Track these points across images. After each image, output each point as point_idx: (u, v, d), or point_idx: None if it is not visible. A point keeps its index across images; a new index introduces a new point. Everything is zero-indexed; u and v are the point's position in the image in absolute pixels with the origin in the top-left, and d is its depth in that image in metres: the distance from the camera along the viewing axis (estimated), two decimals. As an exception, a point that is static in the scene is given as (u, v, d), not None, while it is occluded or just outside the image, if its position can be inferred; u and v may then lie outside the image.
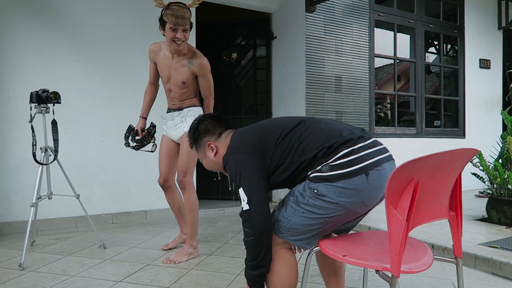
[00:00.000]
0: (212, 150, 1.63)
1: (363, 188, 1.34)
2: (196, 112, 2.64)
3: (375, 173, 1.35)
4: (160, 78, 2.77)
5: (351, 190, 1.34)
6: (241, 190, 1.41)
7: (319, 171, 1.38)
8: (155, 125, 2.85)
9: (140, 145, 2.80)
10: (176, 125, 2.68)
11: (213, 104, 2.74)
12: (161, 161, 2.76)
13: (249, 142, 1.51)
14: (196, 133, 1.67)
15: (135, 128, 2.79)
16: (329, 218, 1.39)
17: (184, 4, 2.42)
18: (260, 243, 1.38)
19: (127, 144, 2.79)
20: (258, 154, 1.46)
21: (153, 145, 2.84)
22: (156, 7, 2.57)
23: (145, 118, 2.83)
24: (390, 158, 1.45)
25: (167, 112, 2.76)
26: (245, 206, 1.39)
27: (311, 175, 1.40)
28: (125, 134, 2.78)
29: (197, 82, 2.65)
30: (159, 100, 2.98)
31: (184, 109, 2.67)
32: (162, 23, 2.48)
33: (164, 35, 2.53)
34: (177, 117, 2.68)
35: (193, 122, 1.70)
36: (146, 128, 2.83)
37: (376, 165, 1.36)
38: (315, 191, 1.36)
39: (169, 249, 2.83)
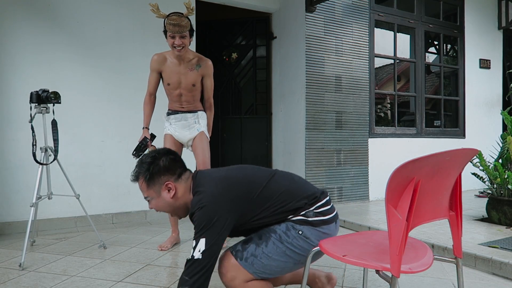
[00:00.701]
0: (169, 190, 1.55)
1: (334, 234, 1.55)
2: (205, 115, 2.89)
3: (337, 222, 1.59)
4: (159, 86, 2.90)
5: (327, 235, 1.51)
6: (202, 240, 1.37)
7: (304, 215, 1.49)
8: (155, 136, 2.90)
9: (141, 154, 2.85)
10: (190, 126, 2.84)
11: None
12: None
13: (227, 195, 1.47)
14: (155, 169, 1.54)
15: (148, 138, 2.84)
16: (303, 259, 1.49)
17: (181, 13, 2.58)
18: None
19: (138, 155, 2.80)
20: (234, 209, 1.45)
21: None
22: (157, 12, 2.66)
23: (148, 128, 2.90)
24: (331, 200, 1.64)
25: (173, 114, 2.85)
26: (198, 256, 1.36)
27: (294, 218, 1.48)
28: (139, 146, 2.82)
29: (203, 84, 2.84)
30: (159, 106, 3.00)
31: (198, 112, 2.86)
32: (164, 32, 2.66)
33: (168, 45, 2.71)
34: (191, 118, 2.83)
35: (147, 156, 1.59)
36: (148, 139, 2.90)
37: (336, 215, 1.59)
38: (300, 232, 1.46)
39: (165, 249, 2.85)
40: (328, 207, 1.55)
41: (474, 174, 3.54)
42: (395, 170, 1.00)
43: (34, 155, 2.60)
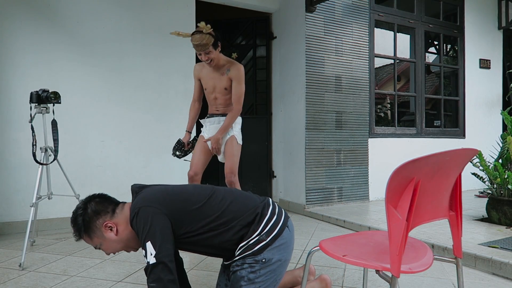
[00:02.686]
0: (111, 229, 1.54)
1: (290, 239, 1.60)
2: (240, 120, 2.95)
3: (289, 223, 1.63)
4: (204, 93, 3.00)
5: (284, 244, 1.56)
6: (149, 244, 1.39)
7: (259, 241, 1.52)
8: (197, 139, 3.03)
9: (183, 154, 3.05)
10: None
11: (239, 112, 2.90)
12: (195, 156, 2.91)
13: (158, 199, 1.51)
14: (86, 219, 1.52)
15: (183, 141, 3.02)
16: (280, 276, 1.58)
17: (201, 31, 2.65)
18: None
19: (174, 154, 3.03)
20: (167, 211, 1.48)
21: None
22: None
23: (190, 132, 3.05)
24: (276, 205, 1.69)
25: (209, 117, 2.96)
26: (152, 260, 1.37)
27: (252, 250, 1.51)
28: (175, 146, 3.02)
29: None
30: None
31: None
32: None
33: None
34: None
35: (74, 213, 1.56)
36: (190, 141, 3.06)
37: (286, 217, 1.64)
38: (263, 260, 1.51)
39: None
40: (275, 217, 1.58)
41: (474, 174, 3.54)
42: (395, 170, 1.00)
43: (34, 155, 2.60)
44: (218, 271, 2.37)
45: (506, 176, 3.17)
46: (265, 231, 1.54)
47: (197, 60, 3.07)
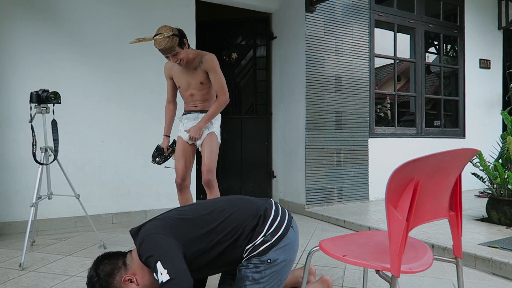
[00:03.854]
0: (131, 281, 1.50)
1: (294, 239, 1.62)
2: (219, 117, 2.79)
3: (293, 223, 1.66)
4: (178, 92, 2.88)
5: (289, 244, 1.58)
6: (158, 264, 1.37)
7: (264, 242, 1.54)
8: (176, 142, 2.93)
9: (164, 159, 2.94)
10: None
11: (227, 102, 2.72)
12: (178, 162, 2.79)
13: (160, 227, 1.51)
14: (103, 285, 1.49)
15: (162, 147, 2.91)
16: (285, 276, 1.59)
17: (162, 32, 2.47)
18: None
19: (154, 161, 2.92)
20: (174, 234, 1.49)
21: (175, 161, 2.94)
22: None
23: (168, 136, 2.92)
24: (279, 206, 1.72)
25: (186, 114, 2.82)
26: (165, 278, 1.34)
27: (257, 251, 1.53)
28: (154, 153, 2.90)
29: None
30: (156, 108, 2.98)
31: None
32: None
33: None
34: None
35: (89, 282, 1.53)
36: (169, 145, 2.93)
37: (290, 217, 1.66)
38: (269, 261, 1.52)
39: None
40: (278, 218, 1.61)
41: (474, 174, 3.54)
42: (395, 170, 1.00)
43: (34, 155, 2.60)
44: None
45: (506, 176, 3.17)
46: (270, 232, 1.55)
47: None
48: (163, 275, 1.34)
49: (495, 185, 3.32)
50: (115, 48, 3.75)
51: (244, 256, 1.55)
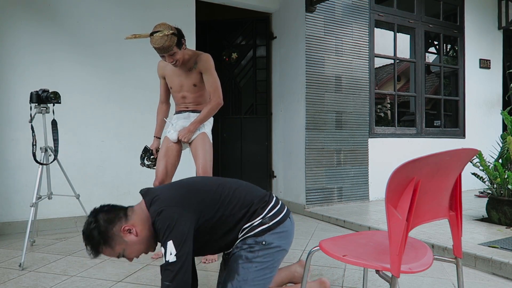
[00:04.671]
0: (130, 231, 1.49)
1: (291, 229, 1.65)
2: (211, 120, 2.70)
3: (291, 216, 1.69)
4: (171, 92, 2.75)
5: (285, 232, 1.61)
6: (170, 243, 1.39)
7: (262, 224, 1.57)
8: None
9: (154, 163, 2.79)
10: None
11: (219, 106, 2.61)
12: (159, 163, 2.63)
13: (180, 197, 1.52)
14: (102, 231, 1.46)
15: (150, 149, 2.79)
16: (277, 263, 1.60)
17: (160, 30, 2.35)
18: None
19: (143, 164, 2.79)
20: (190, 209, 1.49)
21: None
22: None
23: (159, 138, 2.80)
24: (278, 198, 1.76)
25: (176, 113, 2.70)
26: (172, 258, 1.38)
27: (254, 232, 1.56)
28: (141, 155, 2.79)
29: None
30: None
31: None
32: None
33: None
34: (195, 118, 2.62)
35: (86, 229, 1.48)
36: (159, 147, 2.79)
37: (288, 210, 1.70)
38: (263, 243, 1.54)
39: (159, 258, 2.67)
40: (278, 206, 1.65)
41: (474, 174, 3.54)
42: (395, 170, 1.00)
43: (34, 155, 2.60)
44: (217, 271, 2.37)
45: (506, 176, 3.17)
46: (268, 215, 1.59)
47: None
48: (171, 256, 1.38)
49: (495, 185, 3.32)
50: (115, 48, 3.75)
51: (240, 236, 1.58)
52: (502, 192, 3.27)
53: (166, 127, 2.80)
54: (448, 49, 6.70)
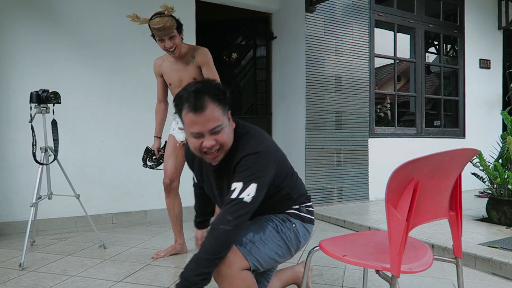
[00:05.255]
0: (230, 121, 1.40)
1: (308, 238, 1.59)
2: None
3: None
4: (169, 90, 2.73)
5: (308, 235, 1.58)
6: (254, 185, 1.30)
7: (298, 210, 1.56)
8: None
9: (156, 163, 2.78)
10: None
11: None
12: (167, 161, 2.64)
13: (276, 150, 1.46)
14: (228, 96, 1.38)
15: (152, 149, 2.77)
16: (287, 255, 1.51)
17: (163, 13, 2.38)
18: (232, 238, 1.28)
19: (145, 165, 2.78)
20: (277, 164, 1.44)
21: None
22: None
23: (160, 138, 2.78)
24: None
25: None
26: (248, 199, 1.28)
27: (290, 211, 1.53)
28: (143, 156, 2.76)
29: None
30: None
31: None
32: (153, 36, 2.49)
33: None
34: None
35: (215, 82, 1.38)
36: (161, 147, 2.79)
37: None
38: (294, 225, 1.51)
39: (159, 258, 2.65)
40: (313, 209, 1.63)
41: (474, 174, 3.54)
42: (395, 170, 1.00)
43: (34, 155, 2.60)
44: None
45: (506, 176, 3.17)
46: (307, 209, 1.59)
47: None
48: (248, 196, 1.28)
49: (495, 185, 3.32)
50: (115, 48, 3.75)
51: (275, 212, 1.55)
52: (502, 192, 3.27)
53: (170, 124, 2.78)
54: (448, 49, 6.70)
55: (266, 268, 1.46)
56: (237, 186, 1.30)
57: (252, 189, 1.29)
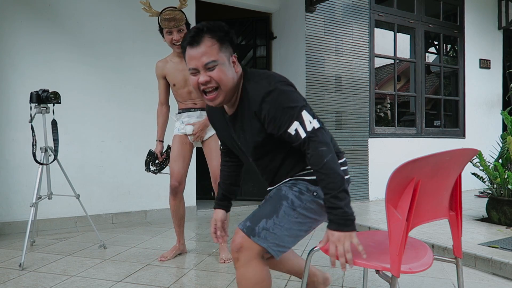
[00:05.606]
0: (234, 65, 1.34)
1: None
2: None
3: (349, 185, 1.41)
4: (170, 93, 2.72)
5: None
6: (304, 113, 1.23)
7: None
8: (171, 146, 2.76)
9: (159, 168, 2.74)
10: None
11: None
12: (175, 163, 2.60)
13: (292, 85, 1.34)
14: (230, 35, 1.32)
15: (155, 152, 2.73)
16: (314, 225, 1.38)
17: (175, 7, 2.46)
18: (337, 161, 1.21)
19: (148, 169, 2.73)
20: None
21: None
22: (157, 8, 2.59)
23: (162, 141, 2.74)
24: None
25: (185, 111, 2.63)
26: (316, 124, 1.23)
27: (311, 177, 1.36)
28: (146, 159, 2.72)
29: None
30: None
31: None
32: (160, 30, 2.53)
33: (167, 43, 2.56)
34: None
35: (220, 22, 1.33)
36: (164, 151, 2.76)
37: (349, 178, 1.43)
38: (315, 193, 1.34)
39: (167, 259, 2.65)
40: (346, 167, 1.43)
41: (474, 174, 3.54)
42: (395, 170, 1.00)
43: (34, 155, 2.60)
44: (218, 271, 2.38)
45: (506, 176, 3.17)
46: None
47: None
48: (312, 124, 1.22)
49: (495, 185, 3.32)
50: (115, 47, 3.75)
51: (296, 174, 1.39)
52: (502, 192, 3.27)
53: (171, 126, 2.78)
54: (448, 49, 6.70)
55: (294, 245, 1.37)
56: (294, 127, 1.23)
57: (306, 116, 1.23)
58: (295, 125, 1.22)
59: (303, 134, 1.22)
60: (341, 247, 1.18)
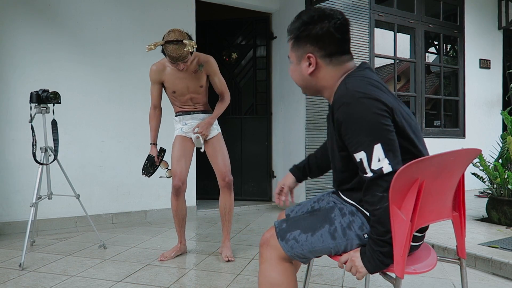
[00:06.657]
0: (309, 65, 1.25)
1: None
2: (217, 120, 2.75)
3: None
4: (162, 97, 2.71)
5: None
6: (378, 146, 1.05)
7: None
8: (165, 150, 2.76)
9: (152, 171, 2.74)
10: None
11: (229, 102, 2.73)
12: (177, 163, 2.61)
13: (388, 95, 1.18)
14: (304, 33, 1.24)
15: (153, 156, 2.72)
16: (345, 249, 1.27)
17: (180, 40, 2.32)
18: (388, 212, 1.07)
19: (145, 174, 2.72)
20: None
21: (167, 170, 2.76)
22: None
23: (156, 144, 2.74)
24: None
25: (186, 114, 2.67)
26: (388, 168, 1.04)
27: (367, 215, 1.21)
28: (146, 164, 2.71)
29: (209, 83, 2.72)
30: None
31: (211, 113, 2.74)
32: (163, 52, 2.45)
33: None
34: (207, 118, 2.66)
35: (307, 13, 1.25)
36: (158, 154, 2.75)
37: None
38: (365, 236, 1.21)
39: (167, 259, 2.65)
40: None
41: (474, 174, 3.54)
42: (399, 171, 1.00)
43: (34, 155, 2.60)
44: (218, 271, 2.37)
45: (506, 176, 3.17)
46: None
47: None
48: (381, 162, 1.05)
49: (495, 185, 3.32)
50: (115, 47, 3.74)
51: (360, 200, 1.22)
52: (502, 192, 3.27)
53: (168, 128, 2.81)
54: (448, 49, 6.70)
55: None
56: (360, 156, 1.08)
57: (379, 151, 1.05)
58: (361, 155, 1.08)
59: (366, 170, 1.08)
60: (354, 270, 1.19)
